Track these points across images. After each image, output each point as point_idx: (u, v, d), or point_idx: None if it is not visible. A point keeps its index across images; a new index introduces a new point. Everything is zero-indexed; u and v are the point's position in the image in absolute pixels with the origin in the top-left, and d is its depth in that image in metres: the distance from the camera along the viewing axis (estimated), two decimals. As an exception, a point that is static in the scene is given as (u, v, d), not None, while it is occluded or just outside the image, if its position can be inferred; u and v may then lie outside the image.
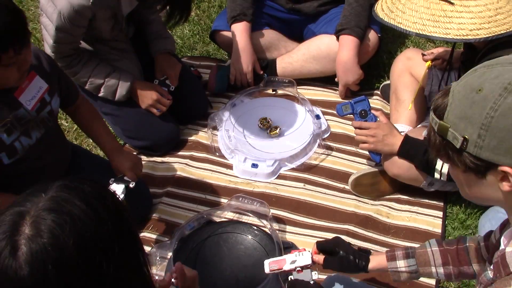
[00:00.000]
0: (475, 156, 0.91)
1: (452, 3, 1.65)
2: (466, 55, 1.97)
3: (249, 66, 2.48)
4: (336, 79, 2.46)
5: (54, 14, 1.86)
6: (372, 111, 2.02)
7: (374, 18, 2.44)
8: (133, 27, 2.23)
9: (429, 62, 2.17)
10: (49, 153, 1.71)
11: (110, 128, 2.34)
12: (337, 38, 2.43)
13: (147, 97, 2.19)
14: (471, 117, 0.90)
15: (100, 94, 2.16)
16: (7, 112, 1.54)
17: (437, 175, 1.86)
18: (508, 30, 1.63)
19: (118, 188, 1.75)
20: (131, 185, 1.78)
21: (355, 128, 2.00)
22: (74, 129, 2.38)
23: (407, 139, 1.90)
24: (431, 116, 0.98)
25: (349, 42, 2.39)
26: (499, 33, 1.62)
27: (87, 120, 1.89)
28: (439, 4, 1.67)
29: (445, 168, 1.81)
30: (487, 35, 1.62)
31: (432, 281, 1.79)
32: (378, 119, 2.00)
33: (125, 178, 1.79)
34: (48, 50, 1.99)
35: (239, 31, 2.49)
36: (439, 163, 1.83)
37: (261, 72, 2.53)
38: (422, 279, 1.69)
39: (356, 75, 2.40)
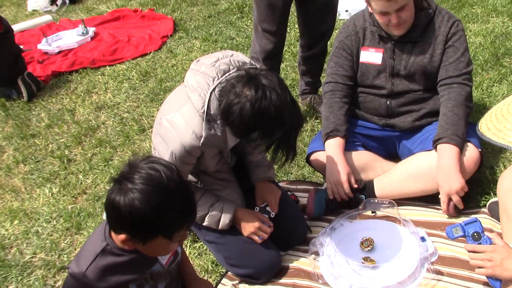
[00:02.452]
0: None
1: None
2: None
3: (344, 176, 2.46)
4: (438, 196, 2.38)
5: (167, 154, 1.99)
6: (486, 233, 1.91)
7: (471, 131, 2.46)
8: (235, 157, 2.33)
9: None
10: None
11: (212, 256, 2.39)
12: (435, 150, 2.38)
13: (249, 225, 2.22)
14: None
15: (205, 224, 2.22)
16: (145, 269, 1.56)
17: None
18: None
19: None
20: None
21: (469, 251, 1.89)
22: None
23: None
24: None
25: (447, 150, 2.34)
26: None
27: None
28: None
29: None
30: None
31: None
32: (493, 241, 1.88)
33: None
34: None
35: (333, 146, 2.52)
36: None
37: (356, 186, 2.49)
38: None
39: (458, 183, 2.30)
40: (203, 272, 2.35)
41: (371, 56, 2.55)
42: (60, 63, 4.41)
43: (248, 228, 2.23)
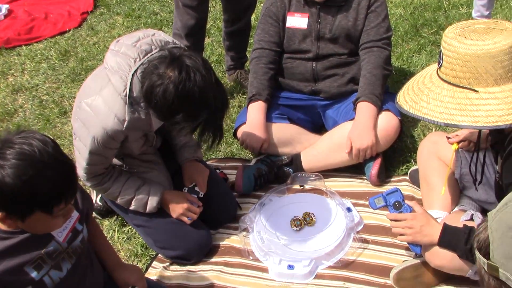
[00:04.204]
0: None
1: (476, 91, 1.64)
2: (494, 138, 1.95)
3: (259, 143, 2.53)
4: (346, 149, 2.44)
5: (88, 139, 1.90)
6: (406, 201, 1.98)
7: (391, 100, 2.54)
8: (161, 138, 2.27)
9: (455, 145, 2.16)
10: (81, 281, 1.67)
11: (142, 240, 2.34)
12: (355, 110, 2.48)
13: (178, 206, 2.19)
14: None
15: (131, 208, 2.16)
16: (38, 248, 1.50)
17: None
18: None
19: None
20: None
21: (391, 220, 1.96)
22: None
23: (446, 228, 1.85)
24: (477, 255, 0.95)
25: (364, 107, 2.44)
26: None
27: (93, 235, 1.84)
28: (463, 93, 1.65)
29: None
30: None
31: None
32: (413, 209, 1.95)
33: None
34: (80, 171, 2.02)
35: (255, 109, 2.56)
36: None
37: (266, 147, 2.56)
38: None
39: (369, 140, 2.40)
40: (133, 257, 2.31)
41: (297, 21, 2.58)
42: (-29, 44, 4.12)
43: (177, 209, 2.20)
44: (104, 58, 1.96)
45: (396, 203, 1.97)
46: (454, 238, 1.82)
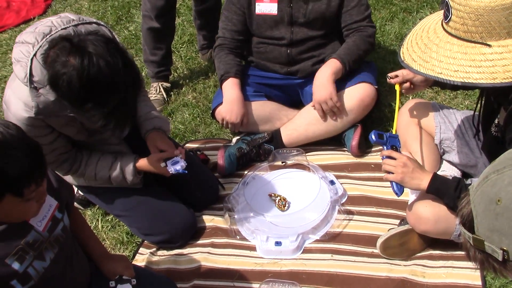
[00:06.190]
0: None
1: (489, 45, 1.56)
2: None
3: (238, 117, 2.51)
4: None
5: None
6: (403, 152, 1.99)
7: (367, 70, 2.54)
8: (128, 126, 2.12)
9: (397, 86, 2.19)
10: (66, 270, 1.65)
11: (126, 227, 2.32)
12: None
13: (154, 160, 2.07)
14: (501, 228, 0.88)
15: (114, 185, 2.13)
16: (17, 239, 1.48)
17: None
18: None
19: None
20: (133, 282, 1.78)
21: (385, 156, 1.93)
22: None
23: (436, 175, 1.86)
24: (462, 230, 0.96)
25: (329, 63, 2.45)
26: None
27: (76, 226, 1.82)
28: (475, 48, 1.56)
29: None
30: None
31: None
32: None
33: (124, 277, 1.78)
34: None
35: (228, 86, 2.54)
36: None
37: (245, 121, 2.55)
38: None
39: (328, 93, 2.40)
40: (119, 245, 2.29)
41: (266, 7, 2.52)
42: None
43: (156, 163, 2.07)
44: None
45: (393, 147, 1.99)
46: (443, 186, 1.83)
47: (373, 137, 2.00)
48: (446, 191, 1.81)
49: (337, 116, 2.46)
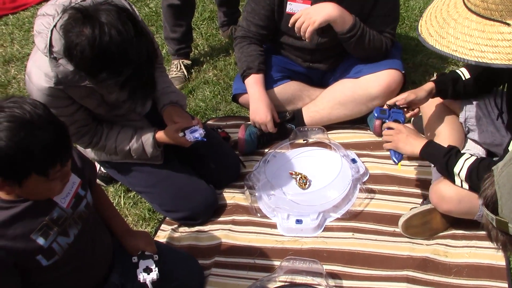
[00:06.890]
0: None
1: (508, 24, 1.50)
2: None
3: (268, 116, 2.44)
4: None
5: None
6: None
7: (392, 60, 2.47)
8: (148, 103, 2.17)
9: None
10: (90, 246, 1.68)
11: (148, 204, 2.34)
12: None
13: (172, 132, 2.08)
14: None
15: (135, 158, 2.15)
16: (42, 215, 1.51)
17: (457, 180, 1.81)
18: None
19: (149, 263, 1.77)
20: (155, 258, 1.80)
21: (386, 128, 2.03)
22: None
23: (430, 142, 1.92)
24: (484, 211, 0.94)
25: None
26: None
27: (99, 203, 1.85)
28: (494, 26, 1.52)
29: (463, 172, 1.77)
30: None
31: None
32: None
33: (146, 253, 1.81)
34: None
35: (251, 84, 2.48)
36: (457, 167, 1.79)
37: (278, 121, 2.49)
38: None
39: (320, 16, 2.26)
40: (141, 221, 2.32)
41: (298, 7, 2.39)
42: (-45, 16, 4.01)
43: (174, 133, 2.07)
44: None
45: (396, 121, 2.04)
46: (436, 151, 1.87)
47: (375, 114, 2.09)
48: (437, 157, 1.85)
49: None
